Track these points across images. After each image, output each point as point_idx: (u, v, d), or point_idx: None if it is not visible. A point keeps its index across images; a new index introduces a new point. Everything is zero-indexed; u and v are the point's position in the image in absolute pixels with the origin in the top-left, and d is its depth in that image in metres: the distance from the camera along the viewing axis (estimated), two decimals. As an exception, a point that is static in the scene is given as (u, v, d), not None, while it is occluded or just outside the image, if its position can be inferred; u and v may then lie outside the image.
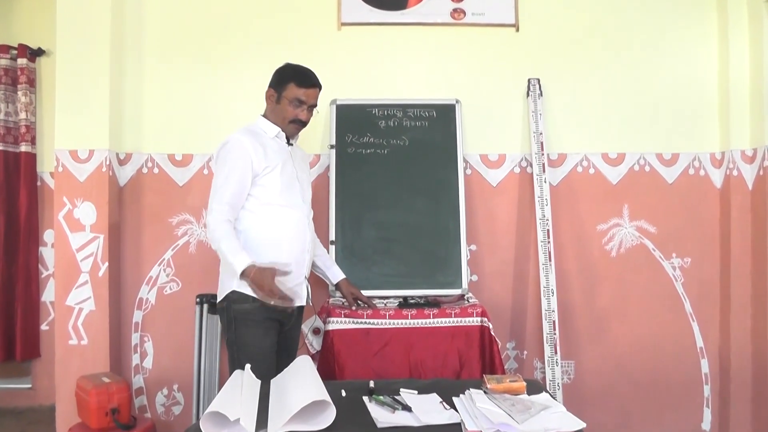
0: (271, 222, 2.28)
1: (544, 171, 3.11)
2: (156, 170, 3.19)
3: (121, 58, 3.14)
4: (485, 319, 2.64)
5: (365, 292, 2.70)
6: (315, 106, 2.37)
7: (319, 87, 2.35)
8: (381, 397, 1.81)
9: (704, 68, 3.27)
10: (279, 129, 2.34)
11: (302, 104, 2.31)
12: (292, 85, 2.30)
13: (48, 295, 3.50)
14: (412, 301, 2.80)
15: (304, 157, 2.57)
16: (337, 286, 2.64)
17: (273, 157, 2.29)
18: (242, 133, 2.27)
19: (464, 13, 3.23)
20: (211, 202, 2.23)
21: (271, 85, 2.36)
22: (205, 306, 3.08)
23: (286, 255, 2.27)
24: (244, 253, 2.13)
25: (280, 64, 2.40)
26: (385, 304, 2.77)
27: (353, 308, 2.63)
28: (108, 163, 3.03)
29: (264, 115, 2.39)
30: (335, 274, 2.64)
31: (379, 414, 1.71)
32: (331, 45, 3.21)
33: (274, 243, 2.27)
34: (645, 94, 3.26)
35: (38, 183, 3.52)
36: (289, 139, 2.39)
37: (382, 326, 2.60)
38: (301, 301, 2.35)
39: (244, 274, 2.11)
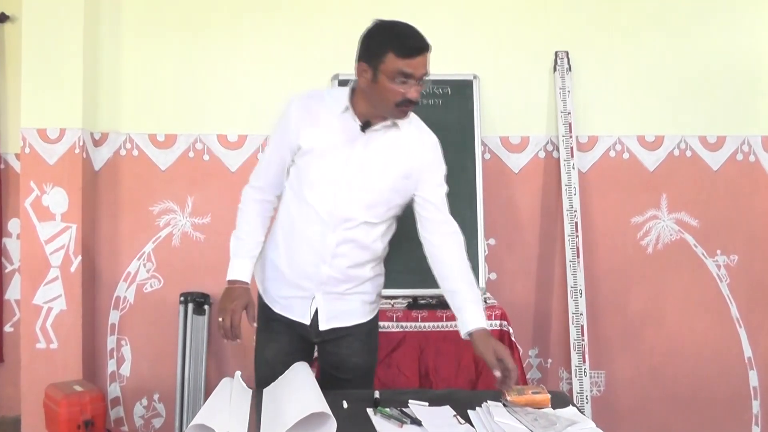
0: (292, 215, 2.02)
1: (572, 156, 3.10)
2: (135, 152, 3.18)
3: (97, 24, 3.11)
4: (505, 322, 2.66)
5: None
6: (426, 75, 1.89)
7: (429, 49, 1.87)
8: (387, 410, 1.77)
9: (756, 37, 3.24)
10: (347, 105, 1.93)
11: (409, 78, 1.83)
12: (392, 56, 1.82)
13: (13, 292, 3.46)
14: (422, 302, 2.80)
15: (399, 147, 1.98)
16: (471, 337, 1.92)
17: (324, 137, 1.93)
18: (302, 97, 2.00)
19: (484, -25, 3.17)
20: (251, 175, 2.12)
21: (360, 58, 1.89)
22: (190, 306, 3.08)
23: (294, 262, 2.02)
24: (247, 260, 2.00)
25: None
26: (393, 305, 2.77)
27: (497, 374, 1.82)
28: (81, 143, 3.02)
29: (353, 88, 1.96)
30: (466, 321, 1.94)
31: (385, 428, 1.69)
32: (332, 10, 3.16)
33: (286, 243, 2.03)
34: (688, 69, 3.23)
35: (1, 166, 3.50)
36: (370, 123, 1.92)
37: (388, 329, 2.61)
38: (302, 318, 2.06)
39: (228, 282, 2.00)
